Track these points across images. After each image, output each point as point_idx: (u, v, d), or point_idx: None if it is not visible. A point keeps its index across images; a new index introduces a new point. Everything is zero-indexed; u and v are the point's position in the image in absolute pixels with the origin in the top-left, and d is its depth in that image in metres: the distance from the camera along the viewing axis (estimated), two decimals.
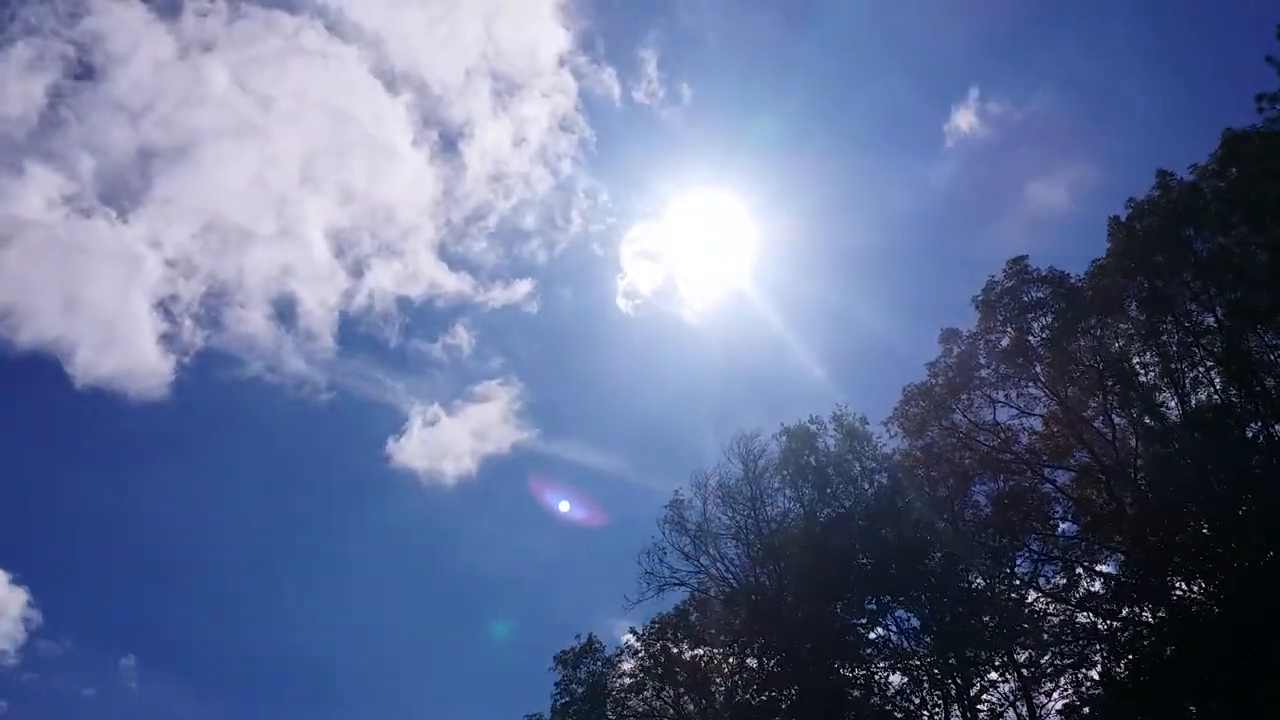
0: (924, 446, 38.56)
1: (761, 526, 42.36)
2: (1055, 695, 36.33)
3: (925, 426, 38.01)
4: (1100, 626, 35.70)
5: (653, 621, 43.93)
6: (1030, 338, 36.78)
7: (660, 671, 43.33)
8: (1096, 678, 35.46)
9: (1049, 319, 36.32)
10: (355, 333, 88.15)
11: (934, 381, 38.25)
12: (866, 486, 40.58)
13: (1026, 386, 37.47)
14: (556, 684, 44.65)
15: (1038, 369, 37.06)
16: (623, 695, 43.97)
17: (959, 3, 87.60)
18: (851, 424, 41.65)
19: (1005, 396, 37.74)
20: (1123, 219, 35.64)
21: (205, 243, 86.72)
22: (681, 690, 43.37)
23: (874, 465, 40.84)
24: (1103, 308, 35.59)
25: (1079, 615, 36.41)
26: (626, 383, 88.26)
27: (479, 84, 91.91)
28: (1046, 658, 36.63)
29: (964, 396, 37.80)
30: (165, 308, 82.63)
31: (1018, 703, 36.59)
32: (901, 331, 76.92)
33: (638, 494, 78.73)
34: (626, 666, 44.45)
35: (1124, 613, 35.34)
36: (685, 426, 78.74)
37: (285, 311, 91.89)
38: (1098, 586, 36.45)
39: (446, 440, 79.81)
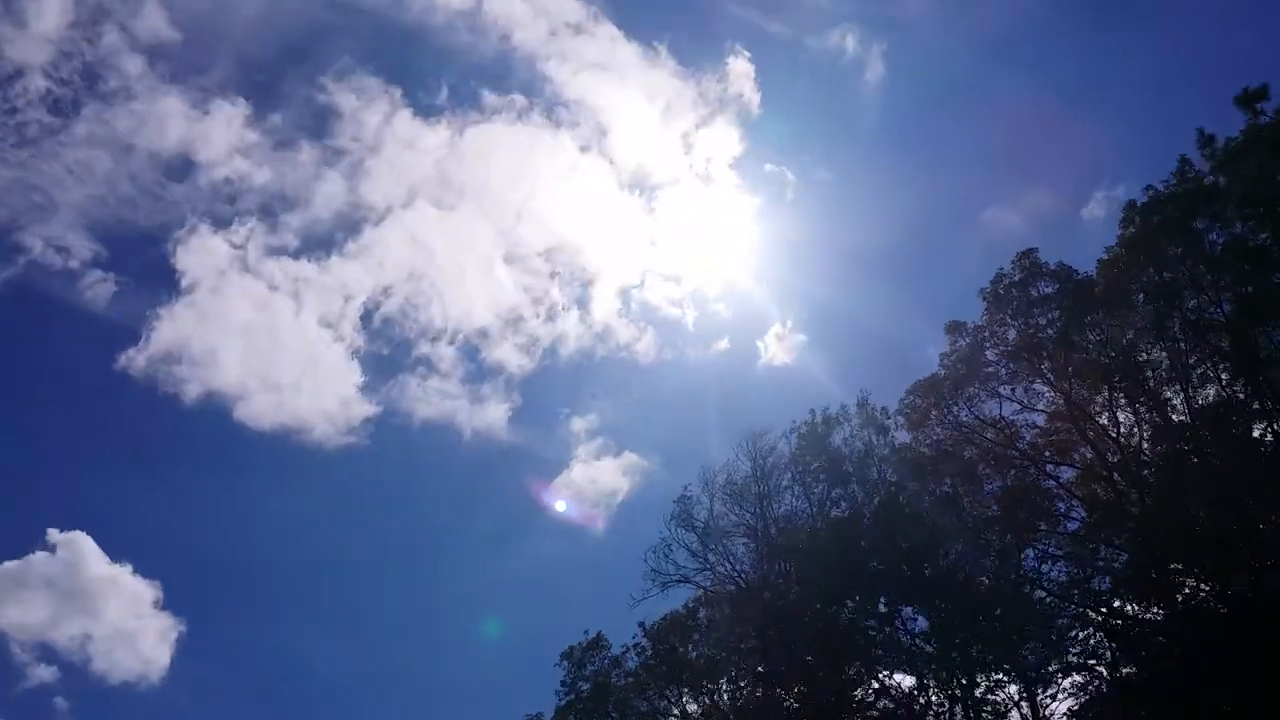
0: (932, 443, 38.29)
1: (769, 525, 42.19)
2: (1062, 695, 35.66)
3: (927, 420, 37.72)
4: (1107, 625, 35.04)
5: (658, 620, 43.78)
6: (1038, 332, 36.49)
7: (664, 670, 43.02)
8: (1104, 676, 34.82)
9: (1056, 313, 35.99)
10: (542, 383, 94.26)
11: (939, 375, 38.03)
12: (879, 477, 40.25)
13: (1032, 382, 37.18)
14: (562, 681, 44.49)
15: (1044, 364, 36.69)
16: (627, 695, 43.67)
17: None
18: (872, 414, 41.28)
19: (1010, 391, 37.50)
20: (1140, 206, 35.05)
21: (404, 294, 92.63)
22: (685, 690, 43.01)
23: (887, 456, 40.47)
24: (1112, 301, 35.18)
25: (1086, 613, 35.72)
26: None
27: (682, 172, 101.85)
28: (1053, 658, 35.90)
29: (968, 390, 37.48)
30: (360, 356, 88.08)
31: (1023, 702, 35.96)
32: None
33: None
34: (632, 665, 44.26)
35: (1130, 611, 34.77)
36: None
37: (475, 362, 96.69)
38: (1104, 585, 35.83)
39: (602, 485, 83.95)
